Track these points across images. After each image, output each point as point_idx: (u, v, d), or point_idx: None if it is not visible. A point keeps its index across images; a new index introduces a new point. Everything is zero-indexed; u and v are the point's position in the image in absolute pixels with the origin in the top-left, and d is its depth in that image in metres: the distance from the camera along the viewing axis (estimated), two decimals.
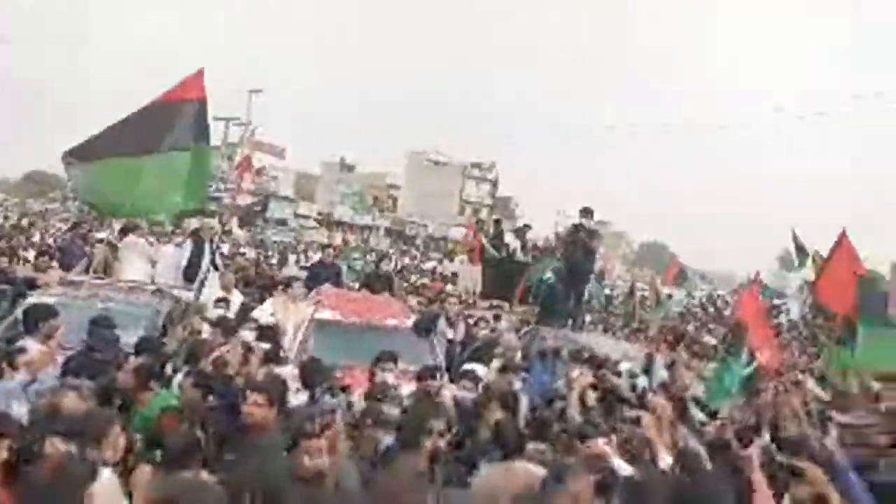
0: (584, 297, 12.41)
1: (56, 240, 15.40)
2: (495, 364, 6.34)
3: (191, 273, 8.86)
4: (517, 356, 7.31)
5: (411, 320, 7.60)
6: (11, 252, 10.47)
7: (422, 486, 3.36)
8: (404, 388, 5.14)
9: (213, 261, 8.49)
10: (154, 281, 8.77)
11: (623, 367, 7.08)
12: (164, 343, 5.69)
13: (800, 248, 17.52)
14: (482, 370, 6.17)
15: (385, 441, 4.01)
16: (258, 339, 5.93)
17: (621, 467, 3.60)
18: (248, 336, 5.80)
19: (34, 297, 6.31)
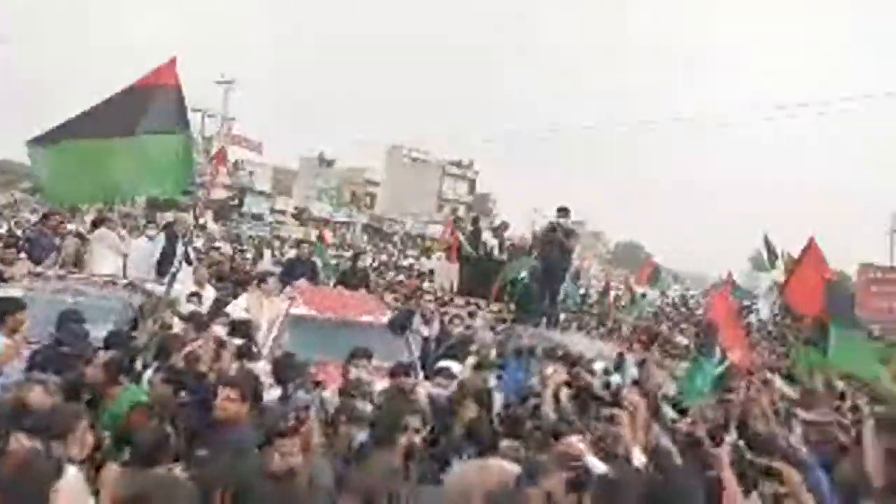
0: (559, 295, 12.47)
1: (25, 231, 15.08)
2: (470, 361, 6.35)
3: (163, 267, 8.73)
4: (492, 353, 7.34)
5: (387, 317, 7.59)
6: None
7: (396, 482, 3.35)
8: (378, 385, 5.13)
9: (187, 255, 8.38)
10: (126, 275, 8.64)
11: (597, 365, 7.15)
12: (134, 337, 5.60)
13: (770, 249, 17.88)
14: (457, 367, 6.18)
15: (359, 438, 4.00)
16: (231, 335, 5.87)
17: (595, 465, 3.62)
18: (220, 331, 5.76)
19: (1, 289, 6.18)
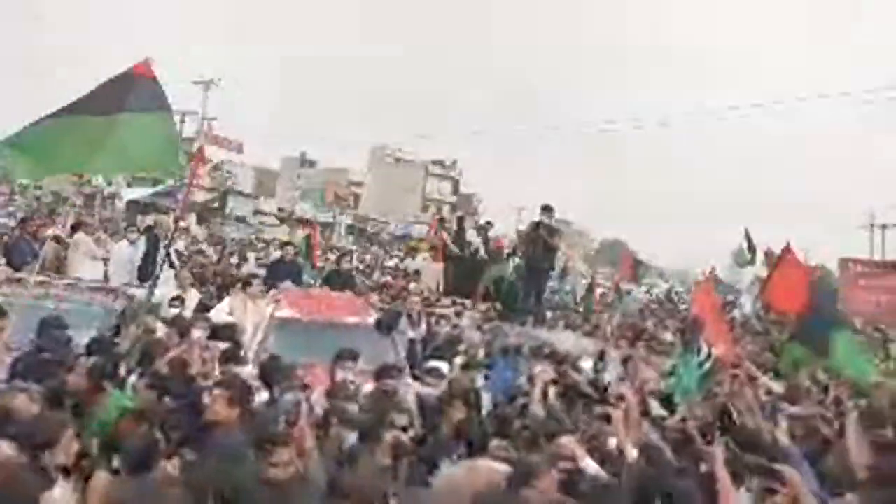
0: (544, 293, 12.50)
1: (3, 236, 14.84)
2: (458, 361, 6.35)
3: (145, 271, 8.63)
4: (479, 353, 7.34)
5: (373, 318, 7.56)
6: None
7: (384, 480, 3.34)
8: (365, 387, 5.11)
9: (169, 258, 8.30)
10: (107, 279, 8.53)
11: (584, 363, 7.18)
12: (116, 343, 5.53)
13: (751, 245, 18.06)
14: (445, 367, 6.17)
15: (349, 439, 3.98)
16: (215, 338, 5.81)
17: (590, 467, 3.61)
18: (199, 334, 5.67)
19: None
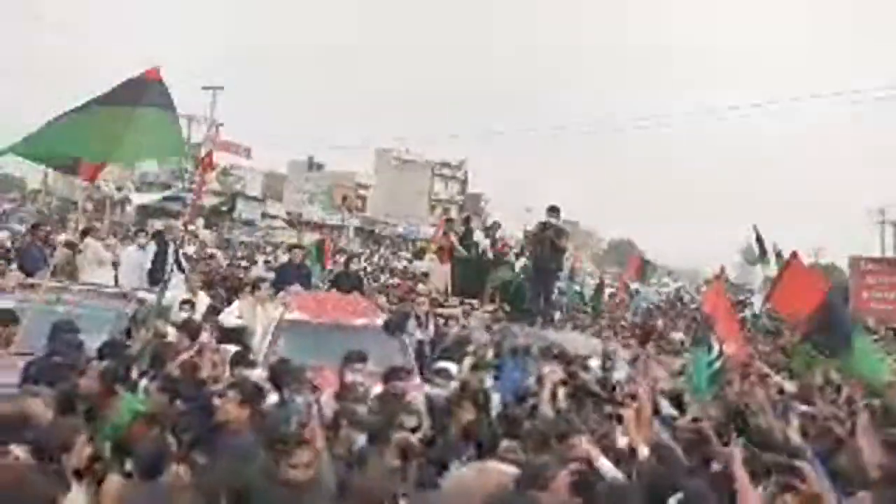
0: (552, 294, 12.47)
1: (15, 241, 14.97)
2: (468, 362, 6.34)
3: (155, 275, 8.68)
4: (489, 354, 7.33)
5: (381, 320, 7.56)
6: None
7: (394, 481, 3.34)
8: (374, 389, 5.11)
9: (178, 262, 8.35)
10: (118, 283, 8.59)
11: (593, 363, 7.15)
12: (128, 346, 5.56)
13: (761, 243, 17.89)
14: (454, 368, 6.17)
15: (359, 441, 3.99)
16: (225, 342, 5.83)
17: (605, 467, 3.58)
18: (206, 337, 5.68)
19: None
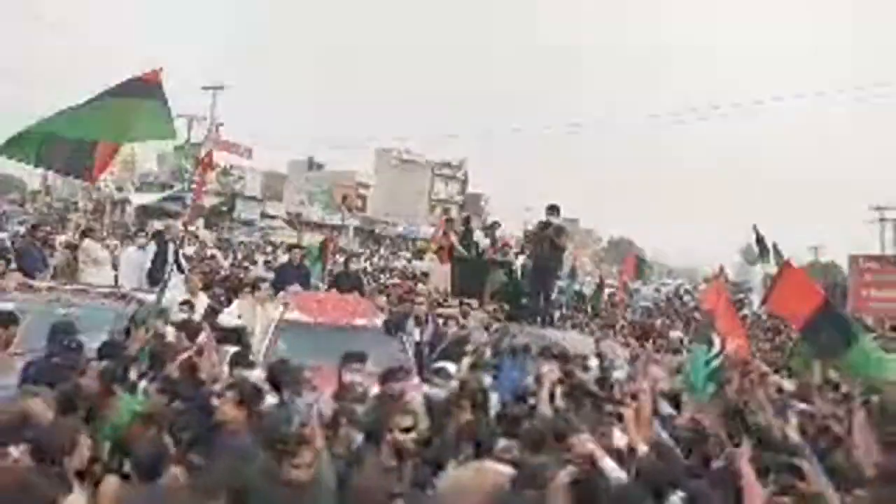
0: (552, 293, 12.47)
1: (14, 242, 14.95)
2: (467, 361, 6.34)
3: (155, 276, 8.69)
4: (487, 353, 7.33)
5: (380, 320, 7.57)
6: None
7: (390, 481, 3.34)
8: (373, 389, 5.11)
9: (178, 263, 8.35)
10: (117, 284, 8.60)
11: (592, 362, 7.16)
12: (126, 347, 5.57)
13: (761, 242, 17.89)
14: (453, 368, 6.17)
15: (358, 440, 4.00)
16: (224, 342, 5.83)
17: (609, 467, 3.57)
18: (203, 338, 5.67)
19: None
